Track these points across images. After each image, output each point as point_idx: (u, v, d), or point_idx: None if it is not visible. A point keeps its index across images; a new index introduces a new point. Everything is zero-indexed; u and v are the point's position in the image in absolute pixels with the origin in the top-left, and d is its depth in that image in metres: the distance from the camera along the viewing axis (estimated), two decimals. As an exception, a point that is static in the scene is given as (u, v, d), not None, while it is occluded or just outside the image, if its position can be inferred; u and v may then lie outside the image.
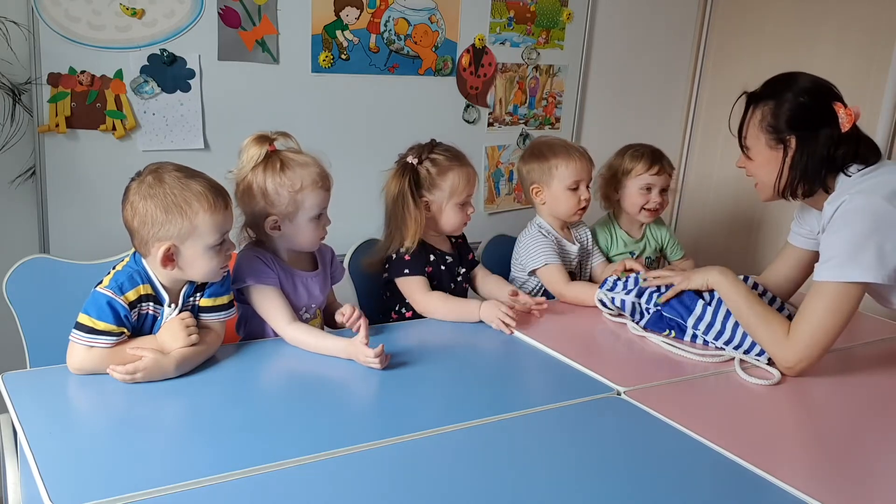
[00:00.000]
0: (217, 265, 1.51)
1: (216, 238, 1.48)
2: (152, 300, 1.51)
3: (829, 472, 1.33)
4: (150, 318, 1.52)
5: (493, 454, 1.30)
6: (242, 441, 1.26)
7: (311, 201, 1.67)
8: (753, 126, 1.74)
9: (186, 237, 1.45)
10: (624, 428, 1.42)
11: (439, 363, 1.64)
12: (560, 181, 2.16)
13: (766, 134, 1.72)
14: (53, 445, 1.20)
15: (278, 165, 1.65)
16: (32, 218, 2.20)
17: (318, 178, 1.68)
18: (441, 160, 1.95)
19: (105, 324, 1.43)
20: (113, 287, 1.46)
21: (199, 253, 1.47)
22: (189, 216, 1.44)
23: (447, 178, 1.94)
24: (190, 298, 1.57)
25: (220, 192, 1.50)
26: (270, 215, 1.66)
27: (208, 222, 1.46)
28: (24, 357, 1.66)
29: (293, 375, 1.61)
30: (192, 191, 1.45)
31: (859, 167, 1.67)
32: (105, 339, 1.44)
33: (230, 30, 2.33)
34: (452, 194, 1.95)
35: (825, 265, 1.62)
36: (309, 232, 1.70)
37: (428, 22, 2.65)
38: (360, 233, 2.09)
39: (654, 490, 1.22)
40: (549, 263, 2.14)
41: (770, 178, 1.74)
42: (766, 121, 1.71)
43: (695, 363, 1.73)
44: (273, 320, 1.67)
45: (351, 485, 1.17)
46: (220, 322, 1.60)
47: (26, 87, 2.10)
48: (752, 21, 3.10)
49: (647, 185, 2.32)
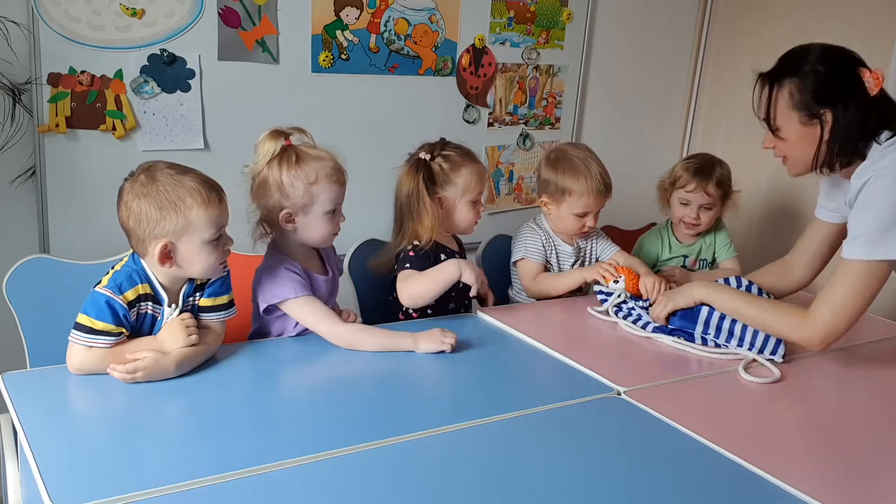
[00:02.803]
0: (215, 260, 1.51)
1: (212, 233, 1.48)
2: (151, 300, 1.51)
3: (829, 472, 1.33)
4: (150, 319, 1.52)
5: (493, 454, 1.30)
6: (242, 441, 1.26)
7: (326, 194, 1.68)
8: (783, 106, 1.71)
9: (182, 233, 1.45)
10: (624, 428, 1.42)
11: (439, 363, 1.64)
12: (569, 206, 2.15)
13: (797, 112, 1.69)
14: (53, 445, 1.20)
15: (294, 158, 1.67)
16: (32, 218, 2.20)
17: (333, 172, 1.69)
18: (453, 156, 1.97)
19: (104, 323, 1.43)
20: (112, 287, 1.46)
21: (196, 249, 1.47)
22: (183, 212, 1.44)
23: (460, 173, 1.96)
24: (189, 298, 1.56)
25: (214, 187, 1.50)
26: (285, 208, 1.67)
27: (203, 217, 1.46)
28: (24, 357, 1.66)
29: (293, 375, 1.61)
30: (185, 186, 1.45)
31: (889, 134, 1.65)
32: (104, 339, 1.43)
33: (230, 30, 2.33)
34: (465, 191, 1.97)
35: (852, 243, 1.62)
36: (322, 226, 1.71)
37: (428, 22, 2.65)
38: (361, 233, 2.09)
39: (654, 490, 1.22)
40: (525, 258, 2.18)
41: (807, 155, 1.71)
42: (794, 98, 1.68)
43: (700, 359, 1.74)
44: (321, 327, 1.67)
45: (351, 485, 1.17)
46: (220, 322, 1.60)
47: (26, 87, 2.10)
48: (752, 21, 3.09)
49: (685, 199, 2.33)
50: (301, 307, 1.67)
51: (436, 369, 1.62)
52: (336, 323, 1.67)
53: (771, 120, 1.75)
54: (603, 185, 2.14)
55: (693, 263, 2.41)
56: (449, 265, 1.87)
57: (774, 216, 3.03)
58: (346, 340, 1.66)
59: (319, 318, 1.67)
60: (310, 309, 1.67)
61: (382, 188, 2.06)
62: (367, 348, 1.66)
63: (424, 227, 1.92)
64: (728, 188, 2.36)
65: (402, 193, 1.97)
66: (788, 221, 2.97)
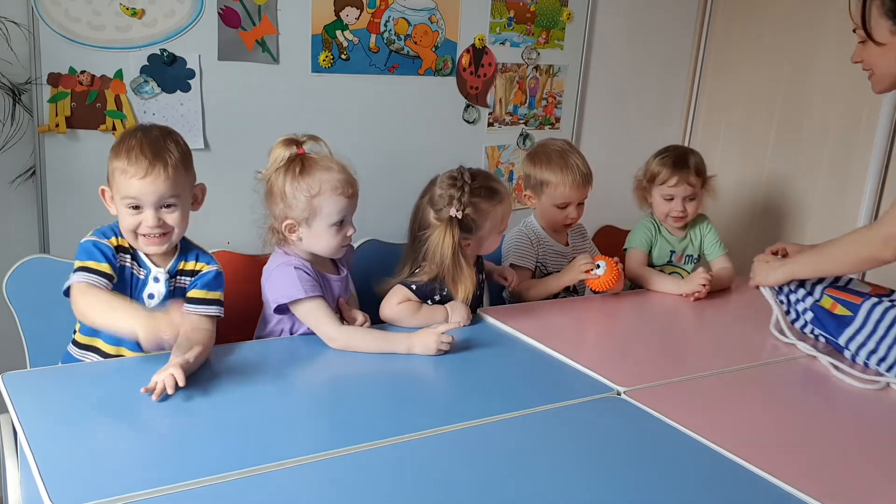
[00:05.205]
0: (130, 225, 1.54)
1: (131, 200, 1.53)
2: (130, 255, 1.56)
3: (829, 472, 1.33)
4: (132, 277, 1.56)
5: (493, 454, 1.30)
6: (242, 441, 1.26)
7: (330, 207, 1.66)
8: (875, 15, 1.73)
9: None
10: (624, 428, 1.42)
11: (439, 363, 1.64)
12: (549, 198, 2.18)
13: (887, 20, 1.71)
14: (53, 445, 1.20)
15: (298, 169, 1.65)
16: (32, 218, 2.20)
17: (339, 185, 1.66)
18: (481, 204, 1.86)
19: (96, 263, 1.50)
20: (97, 234, 1.55)
21: (118, 204, 1.55)
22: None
23: (489, 218, 1.88)
24: (178, 276, 1.60)
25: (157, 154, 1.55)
26: (287, 218, 1.67)
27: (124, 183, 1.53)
28: (24, 357, 1.66)
29: (293, 375, 1.61)
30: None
31: None
32: (102, 279, 1.48)
33: (230, 30, 2.33)
34: (493, 230, 1.91)
35: None
36: (328, 238, 1.69)
37: (428, 22, 2.65)
38: (361, 233, 2.08)
39: (654, 490, 1.22)
40: (513, 264, 2.17)
41: (892, 66, 1.74)
42: (886, 5, 1.71)
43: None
44: (323, 329, 1.67)
45: (351, 485, 1.17)
46: (209, 319, 1.60)
47: (26, 87, 2.10)
48: (752, 21, 3.09)
49: (668, 195, 2.32)
50: (307, 307, 1.67)
51: (436, 369, 1.62)
52: (336, 326, 1.67)
53: (865, 27, 1.77)
54: (579, 176, 2.15)
55: (679, 259, 2.40)
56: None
57: (774, 214, 3.03)
58: (340, 343, 1.66)
59: (322, 320, 1.67)
60: (315, 311, 1.67)
61: (383, 188, 2.06)
62: (362, 350, 1.65)
63: (459, 292, 1.84)
64: (706, 174, 2.37)
65: (435, 252, 1.83)
66: (789, 219, 2.97)
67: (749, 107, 3.08)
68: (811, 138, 2.88)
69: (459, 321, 1.81)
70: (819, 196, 2.86)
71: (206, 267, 1.63)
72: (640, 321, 2.07)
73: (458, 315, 1.83)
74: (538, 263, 2.21)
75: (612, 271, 2.07)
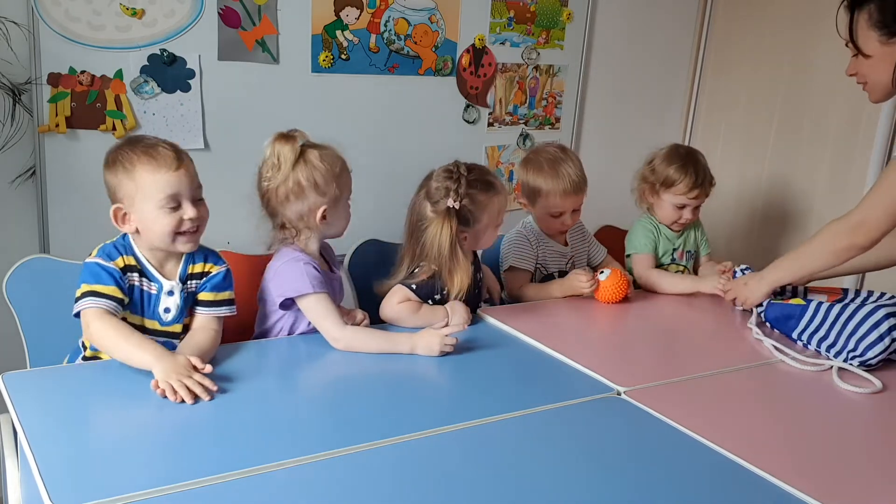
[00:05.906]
0: (169, 226, 1.51)
1: (169, 199, 1.49)
2: (137, 272, 1.53)
3: (829, 472, 1.33)
4: (140, 294, 1.53)
5: (493, 454, 1.30)
6: (242, 441, 1.26)
7: (347, 182, 1.75)
8: (863, 28, 1.78)
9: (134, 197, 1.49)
10: (624, 428, 1.42)
11: (440, 363, 1.64)
12: (543, 207, 2.17)
13: (875, 31, 1.76)
14: (53, 445, 1.20)
15: (316, 155, 1.69)
16: (32, 218, 2.20)
17: (342, 160, 1.74)
18: (478, 196, 1.86)
19: (104, 286, 1.46)
20: (101, 256, 1.50)
21: (149, 213, 1.50)
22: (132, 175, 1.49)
23: (485, 211, 1.89)
24: (189, 282, 1.58)
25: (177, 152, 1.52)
26: (322, 206, 1.70)
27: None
28: (24, 357, 1.66)
29: (294, 375, 1.61)
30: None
31: None
32: (111, 303, 1.46)
33: (230, 30, 2.33)
34: (490, 223, 1.91)
35: None
36: (347, 214, 1.78)
37: (428, 22, 2.65)
38: (360, 233, 2.08)
39: (654, 490, 1.22)
40: (512, 266, 2.17)
41: (885, 75, 1.78)
42: (873, 18, 1.75)
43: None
44: (326, 326, 1.67)
45: (351, 485, 1.17)
46: (218, 320, 1.60)
47: (26, 87, 2.10)
48: (752, 21, 3.09)
49: (683, 203, 2.31)
50: (315, 303, 1.67)
51: (436, 369, 1.62)
52: (340, 326, 1.67)
53: (855, 42, 1.81)
54: (571, 184, 2.12)
55: (681, 256, 2.40)
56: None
57: (775, 215, 3.03)
58: (344, 344, 1.66)
59: (328, 317, 1.67)
60: (321, 307, 1.67)
61: (382, 188, 2.06)
62: (365, 351, 1.66)
63: (455, 285, 1.84)
64: (712, 179, 2.37)
65: (440, 246, 1.84)
66: (789, 220, 2.97)
67: (749, 107, 3.08)
68: (811, 138, 2.88)
69: (461, 323, 1.81)
70: (819, 196, 2.86)
71: (214, 268, 1.63)
72: (639, 321, 2.07)
73: (458, 316, 1.82)
74: (538, 264, 2.21)
75: (618, 281, 2.06)
